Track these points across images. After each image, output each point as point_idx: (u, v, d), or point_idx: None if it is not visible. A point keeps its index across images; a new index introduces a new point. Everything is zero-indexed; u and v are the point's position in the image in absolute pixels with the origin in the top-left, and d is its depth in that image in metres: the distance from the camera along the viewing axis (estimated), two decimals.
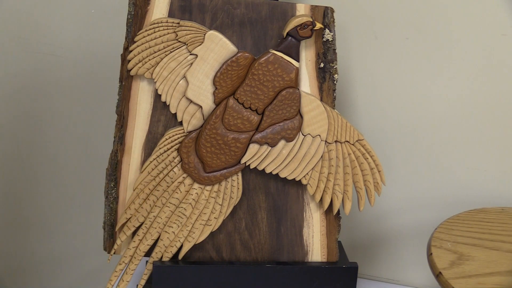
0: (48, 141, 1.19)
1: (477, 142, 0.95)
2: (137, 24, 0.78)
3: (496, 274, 0.73)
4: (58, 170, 1.20)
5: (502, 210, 0.88)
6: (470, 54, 0.92)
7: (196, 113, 0.80)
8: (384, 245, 1.04)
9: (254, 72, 0.79)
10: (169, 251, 0.82)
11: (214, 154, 0.80)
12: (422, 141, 0.97)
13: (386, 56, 0.95)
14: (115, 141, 0.81)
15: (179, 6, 0.78)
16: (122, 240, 0.82)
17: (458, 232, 0.81)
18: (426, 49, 0.93)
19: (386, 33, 0.94)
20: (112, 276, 0.82)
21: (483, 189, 0.96)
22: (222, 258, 0.84)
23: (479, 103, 0.93)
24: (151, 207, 0.81)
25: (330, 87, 0.81)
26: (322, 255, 0.85)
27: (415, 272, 1.03)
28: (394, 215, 1.02)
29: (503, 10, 0.88)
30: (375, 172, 0.82)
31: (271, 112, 0.80)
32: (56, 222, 1.25)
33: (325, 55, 0.80)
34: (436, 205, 0.99)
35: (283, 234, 0.84)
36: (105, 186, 0.82)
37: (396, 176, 0.99)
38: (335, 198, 0.82)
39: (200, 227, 0.82)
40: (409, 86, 0.96)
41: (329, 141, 0.81)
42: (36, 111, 1.18)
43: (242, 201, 0.83)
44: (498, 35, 0.90)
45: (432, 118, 0.96)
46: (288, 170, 0.81)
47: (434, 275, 0.74)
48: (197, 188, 0.82)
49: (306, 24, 0.78)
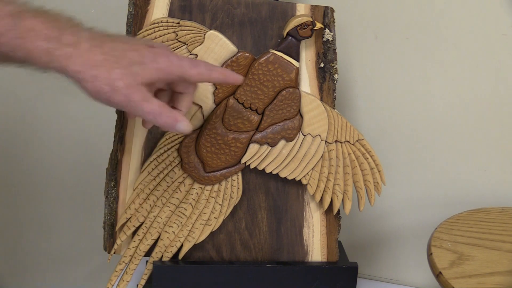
0: (48, 141, 1.19)
1: (477, 142, 0.95)
2: (137, 24, 0.78)
3: (496, 274, 0.73)
4: (58, 170, 1.20)
5: (502, 210, 0.88)
6: (470, 54, 0.92)
7: (196, 113, 0.80)
8: (384, 245, 1.04)
9: (254, 72, 0.79)
10: (169, 251, 0.82)
11: (214, 154, 0.80)
12: (422, 141, 0.97)
13: (386, 56, 0.95)
14: (115, 141, 0.81)
15: (179, 6, 0.78)
16: (122, 240, 0.82)
17: (458, 232, 0.81)
18: (426, 49, 0.93)
19: (386, 33, 0.94)
20: (112, 276, 0.82)
21: (483, 189, 0.96)
22: (222, 258, 0.84)
23: (479, 103, 0.93)
24: (151, 207, 0.81)
25: (330, 87, 0.81)
26: (322, 255, 0.85)
27: (415, 272, 1.03)
28: (394, 215, 1.02)
29: (503, 10, 0.88)
30: (375, 172, 0.82)
31: (271, 112, 0.80)
32: (56, 222, 1.25)
33: (325, 55, 0.80)
34: (436, 205, 0.99)
35: (283, 234, 0.84)
36: (105, 186, 0.82)
37: (396, 176, 0.99)
38: (335, 198, 0.82)
39: (200, 227, 0.82)
40: (409, 86, 0.96)
41: (329, 141, 0.81)
42: (36, 111, 1.18)
43: (242, 201, 0.83)
44: (498, 35, 0.90)
45: (432, 118, 0.96)
46: (288, 170, 0.81)
47: (434, 275, 0.74)
48: (197, 188, 0.82)
49: (306, 24, 0.78)
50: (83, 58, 0.62)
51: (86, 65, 0.62)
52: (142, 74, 0.64)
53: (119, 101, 0.63)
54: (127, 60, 0.63)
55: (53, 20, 0.62)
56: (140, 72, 0.64)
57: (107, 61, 0.62)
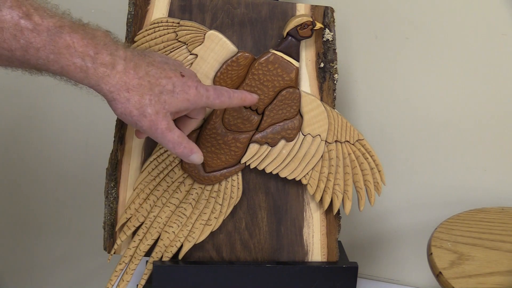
0: (48, 141, 1.19)
1: (477, 142, 0.95)
2: (137, 24, 0.78)
3: (496, 274, 0.73)
4: (58, 170, 1.20)
5: (502, 210, 0.88)
6: (470, 54, 0.92)
7: None
8: (384, 245, 1.04)
9: (254, 72, 0.79)
10: (169, 251, 0.82)
11: (214, 154, 0.80)
12: (422, 141, 0.97)
13: (386, 56, 0.95)
14: (115, 141, 0.81)
15: (179, 6, 0.78)
16: (122, 240, 0.82)
17: (458, 232, 0.81)
18: (426, 49, 0.93)
19: (386, 33, 0.94)
20: (112, 276, 0.82)
21: (483, 189, 0.96)
22: (222, 258, 0.84)
23: (479, 103, 0.93)
24: (151, 207, 0.81)
25: (330, 87, 0.81)
26: (322, 255, 0.85)
27: (415, 272, 1.03)
28: (394, 215, 1.02)
29: (503, 10, 0.88)
30: (375, 172, 0.82)
31: (271, 112, 0.80)
32: (56, 222, 1.25)
33: (325, 55, 0.80)
34: (436, 205, 0.99)
35: (283, 234, 0.84)
36: (105, 186, 0.82)
37: (396, 176, 0.99)
38: (335, 198, 0.82)
39: (200, 227, 0.82)
40: (409, 86, 0.96)
41: (329, 141, 0.81)
42: (36, 111, 1.18)
43: (242, 201, 0.83)
44: (498, 35, 0.90)
45: (432, 118, 0.96)
46: (288, 170, 0.81)
47: (434, 275, 0.74)
48: (197, 188, 0.82)
49: (306, 24, 0.78)
50: (118, 79, 0.64)
51: (120, 87, 0.64)
52: (171, 103, 0.67)
53: (144, 126, 0.66)
54: (159, 88, 0.66)
55: (90, 37, 0.63)
56: (169, 101, 0.67)
57: (140, 86, 0.65)
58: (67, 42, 0.62)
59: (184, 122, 0.73)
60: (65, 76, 0.64)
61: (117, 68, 0.64)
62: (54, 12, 0.63)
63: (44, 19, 0.61)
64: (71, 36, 0.62)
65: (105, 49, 0.64)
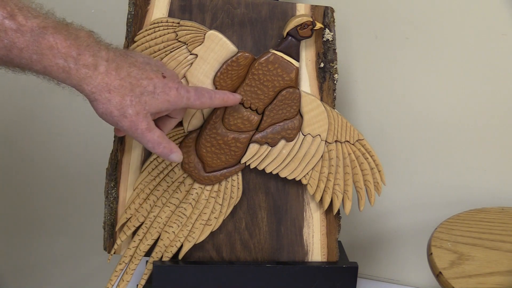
0: (48, 140, 1.19)
1: (477, 142, 0.95)
2: (137, 24, 0.78)
3: (496, 274, 0.73)
4: (58, 170, 1.20)
5: (502, 210, 0.88)
6: (470, 54, 0.92)
7: (196, 113, 0.80)
8: (384, 245, 1.04)
9: (254, 72, 0.79)
10: (169, 251, 0.82)
11: (214, 154, 0.80)
12: (422, 141, 0.97)
13: (386, 56, 0.95)
14: (115, 141, 0.81)
15: (179, 6, 0.78)
16: (122, 240, 0.82)
17: (458, 232, 0.81)
18: (426, 49, 0.93)
19: (386, 33, 0.94)
20: (112, 276, 0.82)
21: (483, 189, 0.96)
22: (222, 258, 0.84)
23: (479, 103, 0.93)
24: (151, 207, 0.81)
25: (330, 87, 0.81)
26: (322, 255, 0.85)
27: (415, 272, 1.03)
28: (394, 215, 1.02)
29: (503, 10, 0.88)
30: (375, 172, 0.82)
31: (271, 112, 0.80)
32: (56, 222, 1.25)
33: (325, 55, 0.80)
34: (436, 205, 0.99)
35: (283, 234, 0.84)
36: (105, 186, 0.82)
37: (396, 176, 0.99)
38: (335, 198, 0.82)
39: (200, 227, 0.82)
40: (409, 86, 0.96)
41: (329, 141, 0.81)
42: (36, 110, 1.18)
43: (242, 201, 0.83)
44: (498, 35, 0.90)
45: (432, 118, 0.96)
46: (288, 170, 0.81)
47: (434, 275, 0.74)
48: (197, 188, 0.82)
49: (306, 24, 0.78)
50: (99, 80, 0.65)
51: (101, 88, 0.65)
52: (151, 104, 0.68)
53: (125, 126, 0.67)
54: (140, 89, 0.67)
55: (73, 37, 0.64)
56: (150, 102, 0.68)
57: (121, 87, 0.66)
58: (50, 43, 0.62)
59: (164, 121, 0.74)
60: (48, 75, 0.64)
61: (99, 69, 0.65)
62: (39, 12, 0.63)
63: (28, 19, 0.61)
64: (54, 37, 0.62)
65: (88, 50, 0.64)
